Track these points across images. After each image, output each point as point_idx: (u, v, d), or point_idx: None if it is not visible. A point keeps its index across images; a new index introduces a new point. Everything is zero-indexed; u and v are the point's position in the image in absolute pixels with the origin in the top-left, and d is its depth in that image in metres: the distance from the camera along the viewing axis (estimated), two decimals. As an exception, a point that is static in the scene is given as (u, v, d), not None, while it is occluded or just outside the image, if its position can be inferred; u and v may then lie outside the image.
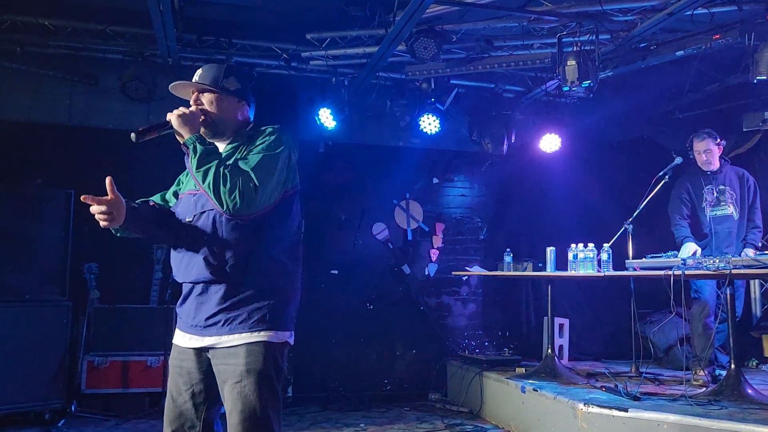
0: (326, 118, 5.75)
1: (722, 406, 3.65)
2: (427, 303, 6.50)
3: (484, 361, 5.54)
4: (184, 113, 2.13)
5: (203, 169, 2.02)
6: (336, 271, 6.24)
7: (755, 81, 4.58)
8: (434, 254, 6.59)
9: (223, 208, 2.00)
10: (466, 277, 6.53)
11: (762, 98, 5.69)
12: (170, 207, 2.34)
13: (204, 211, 2.13)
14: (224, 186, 1.98)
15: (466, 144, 6.55)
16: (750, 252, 4.54)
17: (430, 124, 5.95)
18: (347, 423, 5.01)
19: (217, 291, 2.08)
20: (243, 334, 2.05)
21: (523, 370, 5.22)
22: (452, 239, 6.68)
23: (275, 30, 5.46)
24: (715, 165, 4.83)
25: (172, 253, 2.22)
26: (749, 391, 3.82)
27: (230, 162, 2.09)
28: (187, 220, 2.18)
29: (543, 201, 6.63)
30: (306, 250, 6.10)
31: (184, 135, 2.12)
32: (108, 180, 2.09)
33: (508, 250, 5.45)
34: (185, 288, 2.19)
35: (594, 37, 4.78)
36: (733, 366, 3.91)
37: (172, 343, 2.23)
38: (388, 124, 6.29)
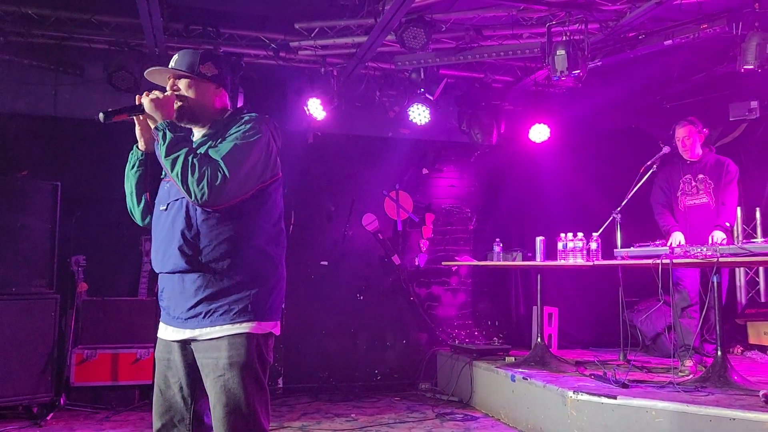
0: (315, 108, 5.72)
1: (709, 393, 3.69)
2: (417, 293, 6.51)
3: (474, 350, 5.57)
4: (157, 97, 2.08)
5: (172, 157, 1.98)
6: (326, 263, 6.24)
7: (742, 70, 4.60)
8: (424, 245, 6.60)
9: (191, 198, 1.97)
10: (456, 267, 6.55)
11: (749, 87, 5.72)
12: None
13: (177, 199, 2.09)
14: (192, 175, 1.94)
15: (455, 134, 6.54)
16: (717, 234, 4.52)
17: (419, 114, 5.93)
18: (338, 413, 5.02)
19: (195, 281, 2.03)
20: (224, 326, 2.01)
21: (512, 359, 5.26)
22: (442, 229, 6.69)
23: (263, 19, 5.41)
24: (696, 153, 4.85)
25: (152, 243, 2.19)
26: (735, 377, 3.87)
27: (201, 150, 2.05)
28: (161, 208, 2.15)
29: (532, 191, 6.66)
30: (295, 241, 6.11)
31: (156, 120, 2.07)
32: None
33: (497, 240, 5.47)
34: (163, 279, 2.15)
35: (583, 27, 4.78)
36: (719, 353, 3.96)
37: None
38: (378, 114, 6.26)
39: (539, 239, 4.92)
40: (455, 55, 5.43)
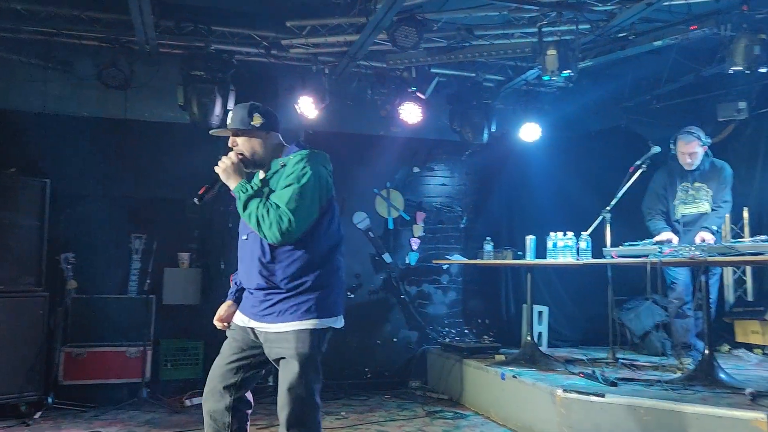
0: (307, 106, 5.70)
1: (696, 391, 3.74)
2: (408, 291, 6.52)
3: (464, 348, 5.59)
4: (226, 167, 2.55)
5: (247, 213, 2.48)
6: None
7: (731, 71, 4.64)
8: (415, 243, 6.61)
9: (268, 240, 2.47)
10: (447, 265, 6.57)
11: (737, 88, 5.78)
12: None
13: (253, 231, 2.52)
14: (264, 223, 2.43)
15: (446, 133, 6.54)
16: (705, 235, 4.54)
17: (410, 113, 5.92)
18: (328, 411, 5.02)
19: (273, 294, 2.52)
20: (294, 323, 2.47)
21: (502, 357, 5.29)
22: (433, 228, 6.70)
23: (255, 17, 5.39)
24: (697, 164, 4.86)
25: (239, 264, 2.67)
26: (722, 375, 3.91)
27: (268, 197, 2.50)
28: (243, 237, 2.63)
29: (523, 190, 6.68)
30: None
31: (231, 186, 2.54)
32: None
33: (488, 238, 5.49)
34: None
35: (574, 27, 4.80)
36: (707, 351, 4.00)
37: (152, 333, 2.32)
38: (369, 112, 6.25)
39: (529, 238, 4.95)
40: (447, 54, 5.44)
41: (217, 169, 2.57)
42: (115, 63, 5.15)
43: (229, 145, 2.65)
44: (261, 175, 2.69)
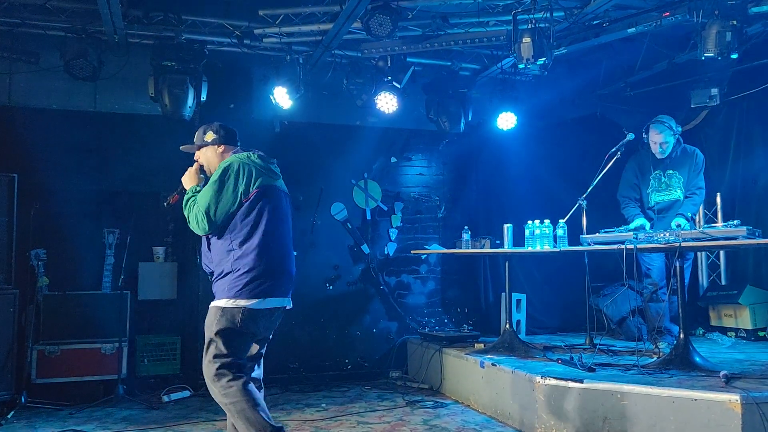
0: (281, 96, 5.63)
1: (672, 375, 3.78)
2: (387, 282, 6.51)
3: (444, 337, 5.60)
4: (186, 174, 3.19)
5: (185, 210, 3.06)
6: (295, 253, 6.12)
7: (703, 58, 4.67)
8: (393, 233, 6.59)
9: (195, 232, 3.04)
10: (425, 255, 6.56)
11: (709, 75, 5.82)
12: None
13: None
14: (190, 218, 3.02)
15: (423, 122, 6.52)
16: (680, 220, 4.61)
17: (387, 102, 5.89)
18: (309, 403, 5.01)
19: (214, 277, 3.05)
20: (213, 302, 2.99)
21: (481, 345, 5.31)
22: (411, 218, 6.69)
23: (227, 6, 5.30)
24: (669, 152, 4.91)
25: None
26: (697, 359, 3.97)
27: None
28: None
29: (500, 178, 6.69)
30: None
31: (187, 188, 3.16)
32: None
33: (466, 227, 5.49)
34: None
35: (548, 15, 4.79)
36: (682, 335, 4.05)
37: (128, 329, 2.83)
38: (345, 102, 6.19)
39: (507, 226, 4.96)
40: (422, 42, 5.40)
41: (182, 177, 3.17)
42: (83, 54, 5.01)
43: (194, 158, 3.26)
44: None
